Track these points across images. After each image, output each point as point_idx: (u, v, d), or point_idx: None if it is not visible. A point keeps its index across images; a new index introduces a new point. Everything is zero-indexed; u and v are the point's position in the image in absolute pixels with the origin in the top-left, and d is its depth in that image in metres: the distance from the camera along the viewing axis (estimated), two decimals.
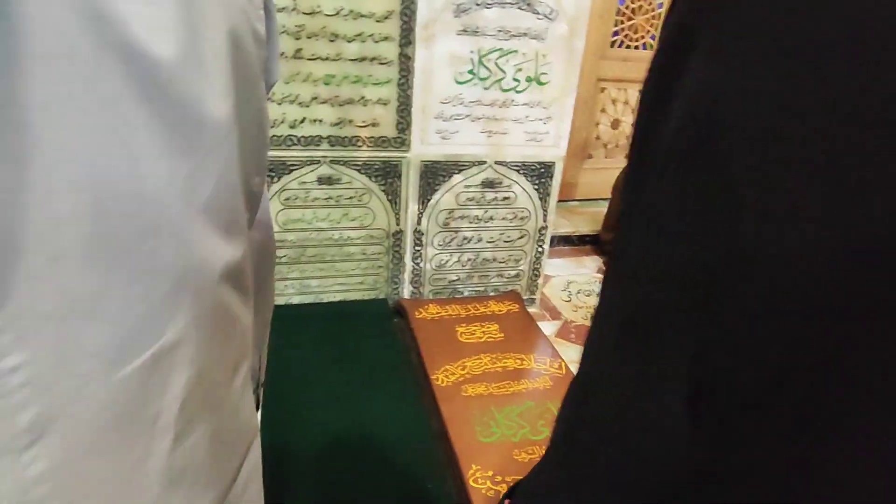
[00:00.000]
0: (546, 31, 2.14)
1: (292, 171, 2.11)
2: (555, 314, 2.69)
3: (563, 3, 2.11)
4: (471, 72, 2.13)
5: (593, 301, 2.83)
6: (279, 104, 2.00)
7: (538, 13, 2.10)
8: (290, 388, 1.90)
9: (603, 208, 3.41)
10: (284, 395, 1.86)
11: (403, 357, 2.13)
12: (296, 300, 2.36)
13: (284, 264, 2.28)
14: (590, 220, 3.60)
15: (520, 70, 2.17)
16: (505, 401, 1.89)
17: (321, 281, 2.35)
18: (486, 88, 2.17)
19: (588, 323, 2.69)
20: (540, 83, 2.22)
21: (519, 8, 2.07)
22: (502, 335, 2.26)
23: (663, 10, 3.50)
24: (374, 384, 1.94)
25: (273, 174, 2.10)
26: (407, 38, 2.01)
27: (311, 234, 2.24)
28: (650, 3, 3.46)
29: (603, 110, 3.69)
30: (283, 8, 1.87)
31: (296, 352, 2.09)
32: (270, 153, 2.07)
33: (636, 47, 3.57)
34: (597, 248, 3.40)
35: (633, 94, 3.72)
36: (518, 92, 2.21)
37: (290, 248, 2.25)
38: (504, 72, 2.16)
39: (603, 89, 3.62)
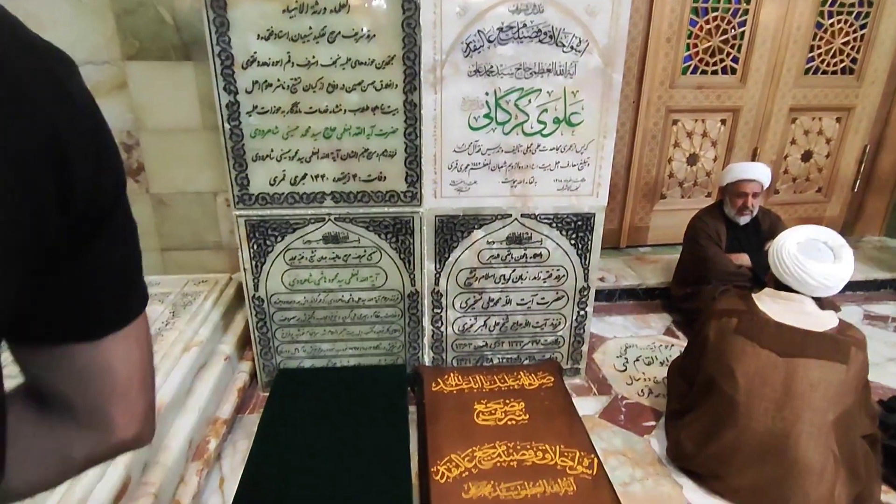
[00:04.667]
0: (575, 66, 1.84)
1: (296, 229, 1.98)
2: (603, 388, 2.29)
3: (593, 33, 1.81)
4: (487, 116, 1.89)
5: (654, 371, 2.39)
6: (278, 161, 1.88)
7: (564, 46, 1.82)
8: (273, 469, 1.72)
9: (677, 255, 2.94)
10: (265, 478, 1.68)
11: (408, 438, 1.87)
12: (307, 364, 2.20)
13: (294, 326, 2.13)
14: (662, 270, 3.15)
15: (545, 111, 1.89)
16: None
17: (333, 344, 2.18)
18: (505, 133, 1.91)
19: (643, 400, 2.27)
20: (571, 124, 1.92)
21: (540, 41, 1.81)
22: (527, 417, 1.93)
23: (747, 29, 3.04)
24: (365, 475, 1.69)
25: (276, 233, 1.98)
26: (412, 83, 1.82)
27: (319, 296, 2.09)
28: (729, 23, 3.01)
29: (676, 144, 3.25)
30: (278, 61, 1.76)
31: (293, 424, 1.92)
32: (273, 211, 1.94)
33: (714, 72, 3.12)
34: (666, 304, 2.94)
35: (713, 125, 3.24)
36: (545, 136, 1.92)
37: (299, 309, 2.10)
38: (526, 114, 1.89)
39: (676, 121, 3.19)
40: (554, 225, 2.05)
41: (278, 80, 1.78)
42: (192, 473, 1.70)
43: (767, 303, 1.72)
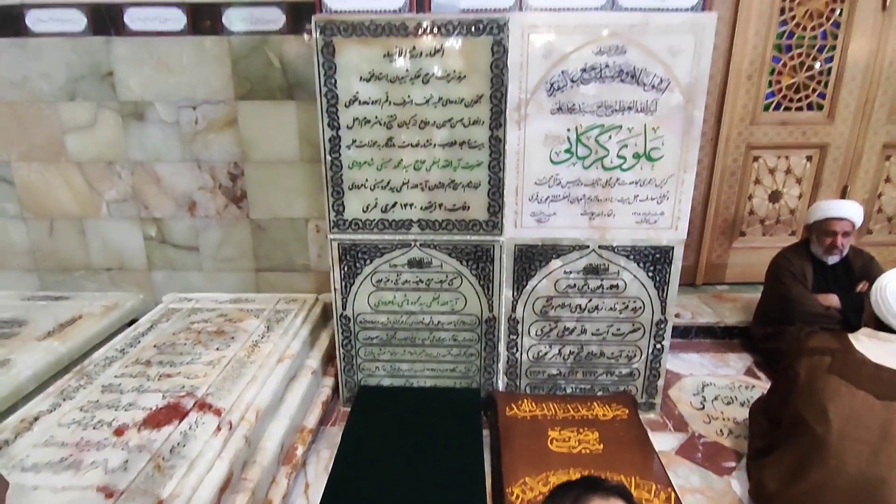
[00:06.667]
0: (656, 103, 1.91)
1: (384, 254, 2.12)
2: (680, 425, 2.25)
3: (675, 72, 1.87)
4: (568, 150, 1.97)
5: (734, 412, 2.32)
6: (372, 190, 2.04)
7: (645, 85, 1.89)
8: (356, 480, 1.82)
9: (758, 295, 2.86)
10: (348, 488, 1.78)
11: (483, 459, 1.92)
12: (386, 382, 2.31)
13: (376, 345, 2.26)
14: (741, 308, 3.05)
15: (625, 146, 1.96)
16: None
17: (412, 365, 2.28)
18: (585, 168, 1.99)
19: (723, 440, 2.20)
20: (651, 159, 1.97)
21: (621, 81, 1.89)
22: (601, 447, 1.93)
23: (835, 65, 2.98)
24: (442, 489, 1.76)
25: (366, 257, 2.13)
26: (497, 120, 1.95)
27: (401, 317, 2.21)
28: (815, 59, 2.97)
29: (757, 181, 3.19)
30: (377, 100, 1.94)
31: (374, 439, 2.02)
32: (364, 236, 2.09)
33: (799, 108, 3.06)
34: (746, 344, 2.85)
35: (798, 162, 3.16)
36: (624, 170, 1.98)
37: (382, 329, 2.23)
38: (606, 149, 1.96)
39: (756, 158, 3.14)
40: (631, 257, 2.08)
41: (376, 117, 1.96)
42: (283, 476, 1.83)
43: (865, 343, 1.67)
